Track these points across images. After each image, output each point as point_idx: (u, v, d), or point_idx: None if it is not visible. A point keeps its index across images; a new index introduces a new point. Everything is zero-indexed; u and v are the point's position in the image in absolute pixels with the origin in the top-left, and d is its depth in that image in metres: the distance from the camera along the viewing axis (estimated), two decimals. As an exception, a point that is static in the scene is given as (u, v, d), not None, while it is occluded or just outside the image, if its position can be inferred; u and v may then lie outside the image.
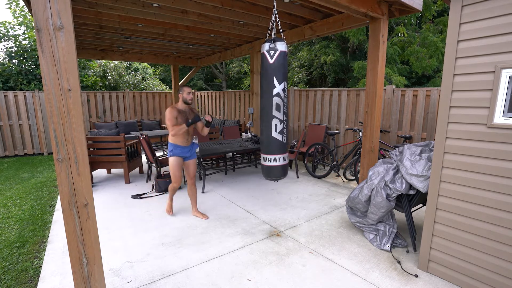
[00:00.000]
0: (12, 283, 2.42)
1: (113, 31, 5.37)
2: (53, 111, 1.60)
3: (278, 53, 2.59)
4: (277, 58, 2.60)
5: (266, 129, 2.72)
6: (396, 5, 3.65)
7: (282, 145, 2.77)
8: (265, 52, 2.59)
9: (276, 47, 2.57)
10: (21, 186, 4.95)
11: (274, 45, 2.56)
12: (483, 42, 2.07)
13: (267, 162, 2.79)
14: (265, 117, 2.71)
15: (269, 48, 2.57)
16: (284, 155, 2.80)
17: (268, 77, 2.63)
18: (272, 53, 2.58)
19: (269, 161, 2.77)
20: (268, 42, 2.58)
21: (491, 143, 2.08)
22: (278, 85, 2.65)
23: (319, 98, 6.22)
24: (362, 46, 11.27)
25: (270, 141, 2.73)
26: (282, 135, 2.74)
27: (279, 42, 2.58)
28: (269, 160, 2.77)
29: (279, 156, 2.77)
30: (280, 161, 2.78)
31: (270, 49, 2.57)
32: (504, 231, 2.06)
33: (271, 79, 2.63)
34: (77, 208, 1.73)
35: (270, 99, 2.67)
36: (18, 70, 8.45)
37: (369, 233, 3.07)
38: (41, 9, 1.50)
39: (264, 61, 2.62)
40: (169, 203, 3.70)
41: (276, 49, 2.57)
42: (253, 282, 2.39)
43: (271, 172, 2.80)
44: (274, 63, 2.60)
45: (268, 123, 2.71)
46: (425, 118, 4.62)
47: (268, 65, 2.60)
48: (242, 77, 17.50)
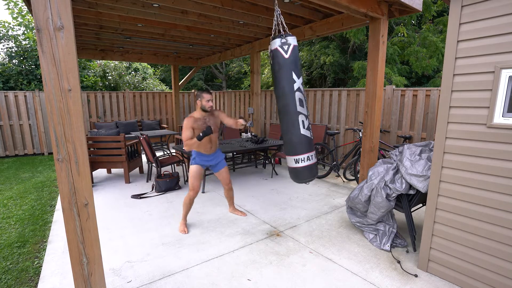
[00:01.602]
0: (13, 282, 2.43)
1: (113, 31, 5.38)
2: (53, 111, 1.60)
3: (292, 47, 2.48)
4: (292, 53, 2.48)
5: (293, 128, 2.51)
6: (396, 5, 3.65)
7: (311, 142, 2.59)
8: (278, 47, 2.46)
9: (288, 42, 2.46)
10: (21, 186, 4.95)
11: (285, 40, 2.46)
12: (483, 42, 2.07)
13: (300, 163, 2.55)
14: (289, 115, 2.51)
15: (281, 44, 2.45)
16: (314, 153, 2.62)
17: (287, 72, 2.48)
18: (286, 48, 2.45)
19: (303, 162, 2.55)
20: (279, 37, 2.47)
21: (491, 143, 2.08)
22: (297, 80, 2.51)
23: (319, 98, 6.22)
24: (362, 46, 11.27)
25: (301, 140, 2.53)
26: (309, 131, 2.58)
27: (289, 36, 2.48)
28: (303, 161, 2.55)
29: (311, 154, 2.59)
30: (312, 159, 2.60)
31: (282, 44, 2.45)
32: (504, 231, 2.06)
33: (289, 74, 2.49)
34: (77, 208, 1.73)
35: (293, 95, 2.50)
36: (19, 70, 8.46)
37: (369, 233, 3.07)
38: (41, 9, 1.51)
39: (278, 57, 2.48)
40: (182, 222, 3.32)
41: (289, 43, 2.47)
42: (253, 282, 2.39)
43: (304, 173, 2.58)
44: (290, 57, 2.48)
45: (294, 121, 2.50)
46: (425, 118, 4.63)
47: (284, 60, 2.47)
48: (242, 77, 17.50)
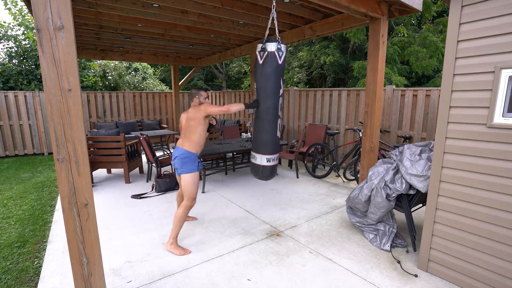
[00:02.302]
0: (13, 282, 2.43)
1: (113, 31, 5.38)
2: (54, 111, 1.60)
3: (284, 56, 2.59)
4: (283, 60, 2.59)
5: (272, 129, 2.71)
6: (396, 5, 3.65)
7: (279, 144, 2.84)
8: (275, 51, 2.53)
9: (282, 49, 2.55)
10: (21, 186, 4.95)
11: (280, 46, 2.54)
12: (483, 42, 2.07)
13: (271, 162, 2.77)
14: (271, 118, 2.68)
15: (277, 49, 2.53)
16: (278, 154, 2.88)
17: (277, 78, 2.60)
18: (280, 54, 2.55)
19: (273, 161, 2.79)
20: (275, 41, 2.54)
21: (491, 143, 2.08)
22: (282, 86, 2.67)
23: (319, 98, 6.22)
24: (362, 46, 11.27)
25: (275, 141, 2.75)
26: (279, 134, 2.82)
27: (283, 44, 2.58)
28: (273, 160, 2.79)
29: (277, 155, 2.84)
30: (277, 159, 2.85)
31: (277, 50, 2.53)
32: (504, 231, 2.06)
33: (279, 79, 2.61)
34: (77, 208, 1.73)
35: (277, 100, 2.66)
36: (18, 70, 8.46)
37: (369, 233, 3.07)
38: (41, 9, 1.51)
39: (272, 61, 2.55)
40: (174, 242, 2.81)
41: (282, 51, 2.56)
42: (253, 282, 2.39)
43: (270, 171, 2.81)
44: (282, 64, 2.58)
45: (274, 124, 2.70)
46: (425, 118, 4.63)
47: (277, 65, 2.57)
48: (242, 77, 17.50)
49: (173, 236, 2.80)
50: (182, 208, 2.78)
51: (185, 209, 2.79)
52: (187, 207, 2.79)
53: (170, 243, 2.80)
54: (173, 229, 2.80)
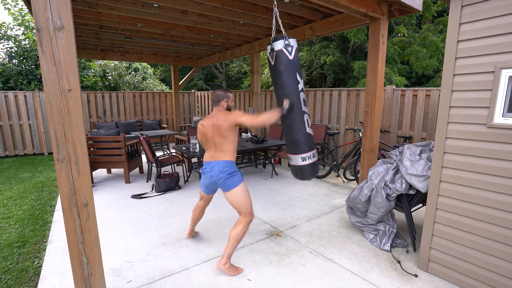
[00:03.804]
0: (13, 282, 2.43)
1: (113, 31, 5.38)
2: (53, 111, 1.60)
3: (295, 49, 2.55)
4: (295, 54, 2.55)
5: (300, 127, 2.59)
6: (396, 5, 3.65)
7: (313, 140, 2.70)
8: (283, 48, 2.51)
9: (291, 43, 2.52)
10: (21, 186, 4.95)
11: (288, 42, 2.51)
12: (483, 42, 2.07)
13: (306, 160, 2.63)
14: (296, 115, 2.57)
15: (285, 45, 2.50)
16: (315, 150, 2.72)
17: (292, 74, 2.55)
18: (290, 49, 2.52)
19: (309, 159, 2.63)
20: (281, 39, 2.51)
21: (491, 143, 2.08)
22: (300, 80, 2.60)
23: (319, 98, 6.22)
24: (362, 46, 11.27)
25: (307, 138, 2.61)
26: (311, 130, 2.69)
27: (291, 38, 2.54)
28: (309, 158, 2.63)
29: (314, 152, 2.68)
30: (315, 156, 2.68)
31: (286, 46, 2.51)
32: (504, 231, 2.06)
33: (294, 75, 2.56)
34: (77, 208, 1.73)
35: (298, 95, 2.58)
36: (18, 70, 8.46)
37: (369, 233, 3.07)
38: (41, 9, 1.51)
39: (283, 58, 2.52)
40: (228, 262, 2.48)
41: (292, 45, 2.53)
42: (253, 282, 2.39)
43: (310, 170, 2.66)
44: (294, 59, 2.55)
45: (301, 120, 2.58)
46: (425, 118, 4.63)
47: (289, 61, 2.53)
48: (242, 77, 17.50)
49: (227, 255, 2.44)
50: (241, 226, 2.42)
51: (244, 227, 2.42)
52: (246, 224, 2.42)
53: (223, 263, 2.44)
54: (228, 248, 2.43)
